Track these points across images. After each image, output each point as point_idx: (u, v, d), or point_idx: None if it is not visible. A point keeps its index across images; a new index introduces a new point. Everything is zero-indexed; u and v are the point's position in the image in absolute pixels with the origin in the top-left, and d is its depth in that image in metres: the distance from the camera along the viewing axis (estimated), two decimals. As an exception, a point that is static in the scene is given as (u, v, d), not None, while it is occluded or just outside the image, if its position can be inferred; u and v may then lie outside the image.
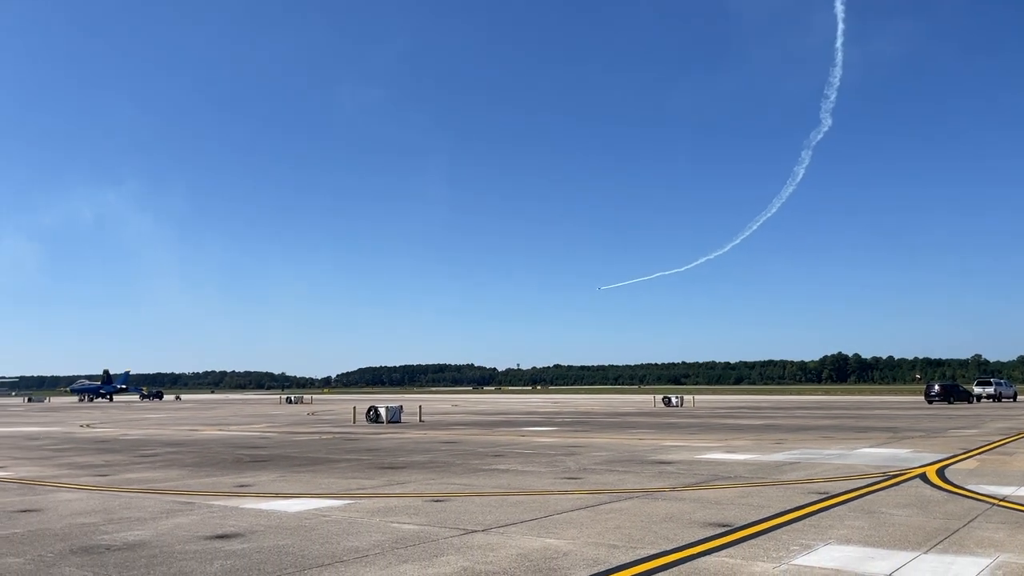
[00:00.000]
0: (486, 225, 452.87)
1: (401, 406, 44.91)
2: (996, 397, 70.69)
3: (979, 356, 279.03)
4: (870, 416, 43.53)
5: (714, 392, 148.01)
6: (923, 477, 15.60)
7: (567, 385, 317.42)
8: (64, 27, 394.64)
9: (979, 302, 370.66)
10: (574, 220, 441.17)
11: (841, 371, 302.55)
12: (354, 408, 48.60)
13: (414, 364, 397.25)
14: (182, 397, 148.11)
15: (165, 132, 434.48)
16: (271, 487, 15.06)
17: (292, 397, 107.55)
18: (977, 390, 71.00)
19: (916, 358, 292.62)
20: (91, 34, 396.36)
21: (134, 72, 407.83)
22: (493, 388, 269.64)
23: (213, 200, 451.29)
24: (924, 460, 18.86)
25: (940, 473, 16.22)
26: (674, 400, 67.67)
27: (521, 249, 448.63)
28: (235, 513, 11.94)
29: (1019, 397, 79.10)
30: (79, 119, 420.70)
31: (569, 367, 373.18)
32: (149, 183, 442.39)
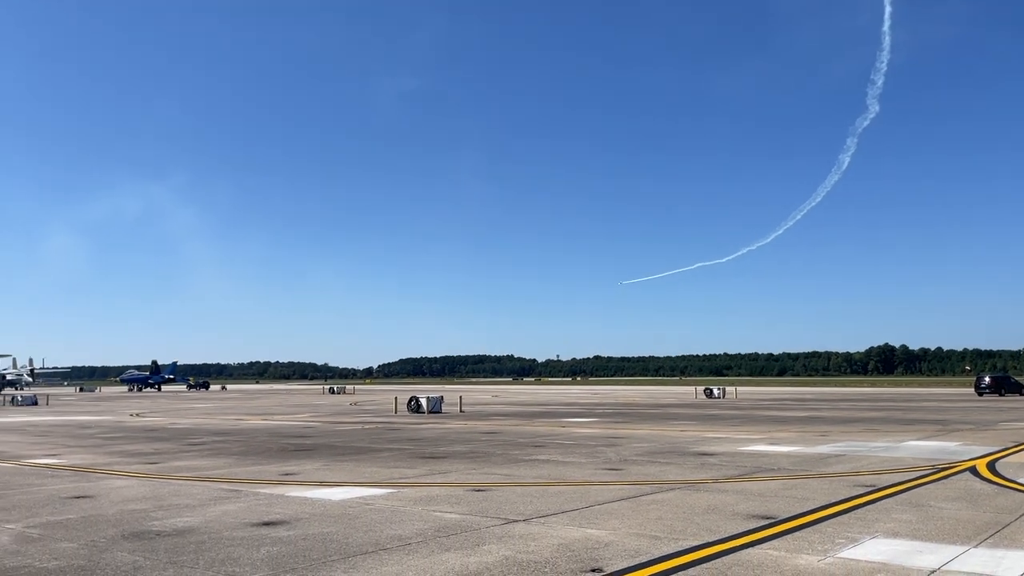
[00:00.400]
0: (526, 216, 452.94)
1: (442, 396, 45.20)
2: (1050, 389, 68.78)
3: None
4: (918, 408, 42.69)
5: (757, 384, 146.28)
6: (973, 470, 15.27)
7: (607, 376, 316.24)
8: (111, 27, 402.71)
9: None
10: (614, 211, 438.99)
11: (888, 363, 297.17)
12: (395, 398, 49.04)
13: (454, 355, 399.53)
14: (227, 387, 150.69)
15: (207, 127, 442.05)
16: (315, 475, 15.28)
17: (334, 387, 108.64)
18: (1030, 382, 69.15)
19: (966, 349, 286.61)
20: (138, 33, 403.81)
21: (178, 70, 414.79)
22: (533, 379, 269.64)
23: (255, 193, 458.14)
24: (974, 453, 18.44)
25: (991, 466, 15.85)
26: (716, 391, 67.07)
27: (561, 239, 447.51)
28: (280, 501, 12.14)
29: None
30: (124, 115, 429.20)
31: (609, 358, 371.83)
32: (193, 177, 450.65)
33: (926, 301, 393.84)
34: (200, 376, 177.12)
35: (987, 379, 67.75)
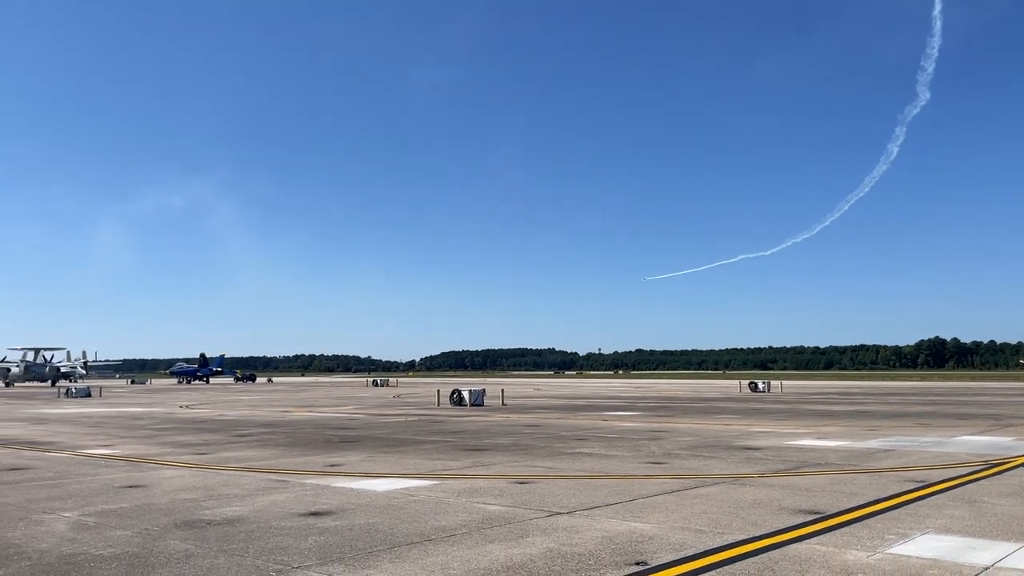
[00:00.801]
0: (566, 209, 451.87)
1: (484, 389, 45.35)
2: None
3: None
4: (970, 403, 41.69)
5: (803, 378, 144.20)
6: (1028, 466, 14.88)
7: (649, 370, 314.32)
8: (154, 25, 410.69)
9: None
10: (655, 205, 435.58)
11: (938, 356, 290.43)
12: (438, 391, 49.35)
13: (496, 348, 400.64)
14: (273, 380, 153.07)
15: (249, 122, 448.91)
16: (360, 467, 15.45)
17: (378, 380, 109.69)
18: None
19: (1020, 343, 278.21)
20: (182, 31, 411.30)
21: (219, 67, 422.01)
22: (574, 373, 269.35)
23: (298, 187, 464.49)
24: (1029, 449, 17.97)
25: (1047, 462, 15.44)
26: (760, 385, 66.28)
27: (602, 233, 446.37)
28: (327, 491, 12.32)
29: None
30: (168, 110, 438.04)
31: (651, 352, 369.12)
32: (237, 171, 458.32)
33: (978, 293, 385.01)
34: (247, 369, 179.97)
35: (1043, 373, 65.91)
